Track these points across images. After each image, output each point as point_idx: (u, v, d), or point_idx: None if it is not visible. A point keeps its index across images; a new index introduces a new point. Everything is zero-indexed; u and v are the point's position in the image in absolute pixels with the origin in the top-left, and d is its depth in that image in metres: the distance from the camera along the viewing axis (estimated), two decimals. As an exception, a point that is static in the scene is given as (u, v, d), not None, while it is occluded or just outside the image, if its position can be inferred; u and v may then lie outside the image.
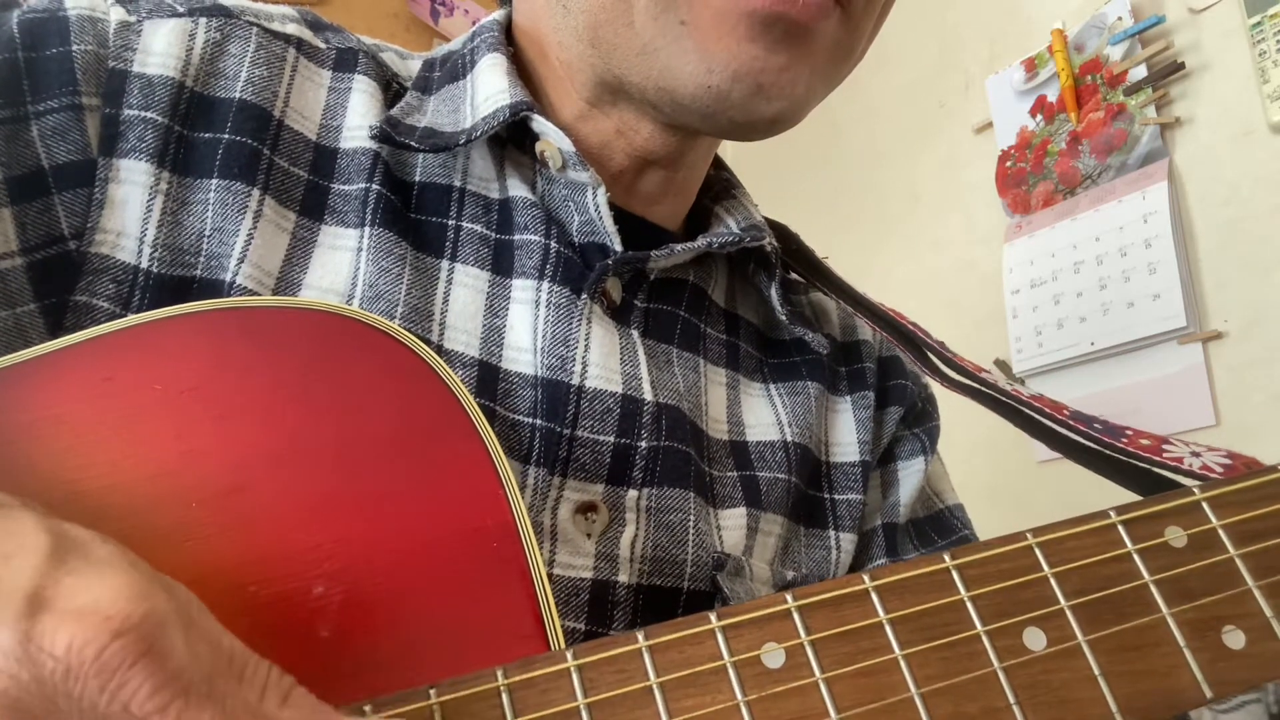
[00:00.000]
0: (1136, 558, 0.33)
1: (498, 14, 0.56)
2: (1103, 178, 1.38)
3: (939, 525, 0.61)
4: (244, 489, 0.31)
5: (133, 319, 0.33)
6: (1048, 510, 0.34)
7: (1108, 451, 0.47)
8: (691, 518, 0.48)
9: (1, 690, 0.21)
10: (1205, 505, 0.34)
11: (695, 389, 0.53)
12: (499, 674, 0.28)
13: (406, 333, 0.35)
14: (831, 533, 0.56)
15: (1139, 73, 1.33)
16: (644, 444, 0.47)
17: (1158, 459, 0.44)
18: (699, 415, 0.52)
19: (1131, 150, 1.34)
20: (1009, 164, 1.53)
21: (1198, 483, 0.39)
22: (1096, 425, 0.47)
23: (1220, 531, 0.33)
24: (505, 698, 0.28)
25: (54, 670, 0.21)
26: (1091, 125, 1.40)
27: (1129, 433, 0.46)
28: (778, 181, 1.61)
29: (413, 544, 0.31)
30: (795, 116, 0.48)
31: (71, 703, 0.21)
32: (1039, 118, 1.49)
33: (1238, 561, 0.33)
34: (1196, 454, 0.43)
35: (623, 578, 0.45)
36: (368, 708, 0.27)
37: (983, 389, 0.53)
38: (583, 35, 0.48)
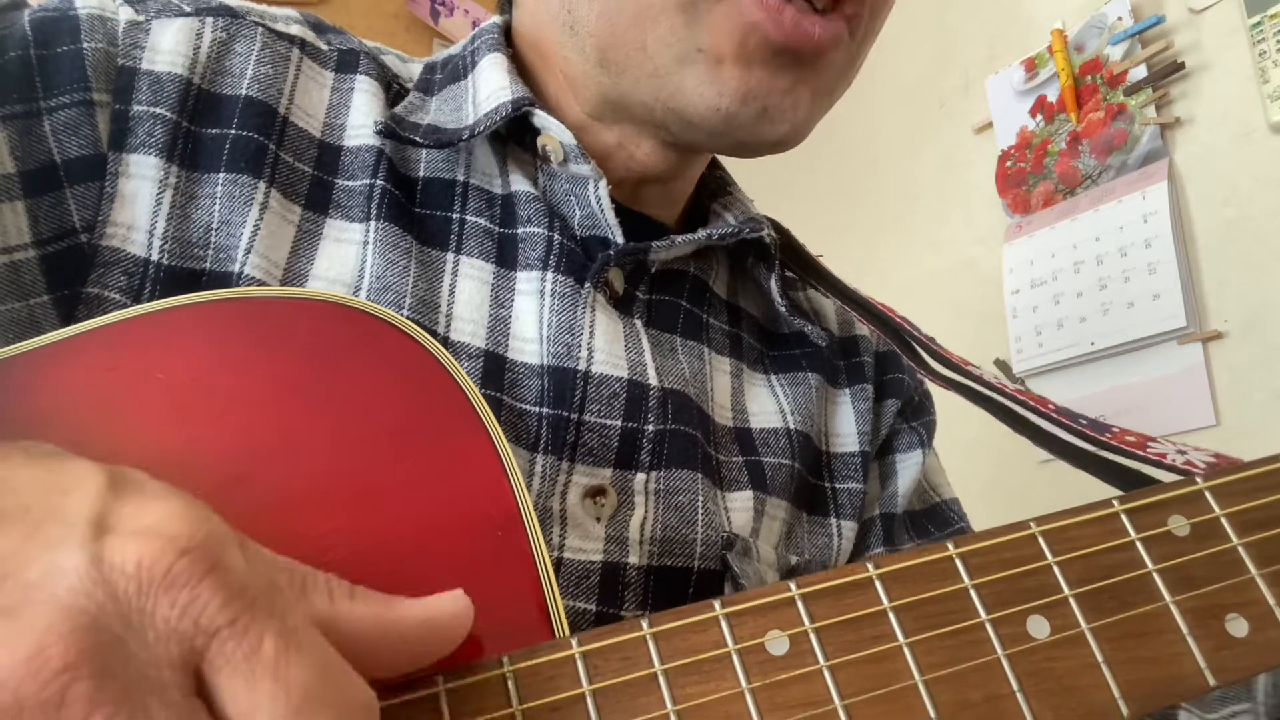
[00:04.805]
0: (1140, 546, 0.33)
1: (497, 19, 0.57)
2: (1103, 178, 1.38)
3: (935, 518, 0.62)
4: (246, 479, 0.31)
5: (137, 309, 0.33)
6: (1047, 509, 0.34)
7: (1092, 447, 0.48)
8: (700, 498, 0.48)
9: (81, 609, 0.21)
10: (1208, 494, 0.34)
11: (701, 375, 0.53)
12: (504, 661, 0.28)
13: (410, 323, 0.35)
14: (833, 520, 0.57)
15: (1139, 73, 1.33)
16: (651, 427, 0.47)
17: (1141, 453, 0.44)
18: (705, 400, 0.53)
19: (1131, 150, 1.34)
20: (1009, 164, 1.53)
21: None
22: (1082, 420, 0.48)
23: (1223, 520, 0.33)
24: (511, 684, 0.28)
25: (126, 588, 0.21)
26: (1091, 125, 1.40)
27: (1114, 429, 0.47)
28: (777, 181, 1.60)
29: (417, 534, 0.31)
30: (797, 138, 0.49)
31: (144, 618, 0.21)
32: (1039, 118, 1.49)
33: (1241, 550, 0.33)
34: (1182, 451, 0.43)
35: (633, 559, 0.46)
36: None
37: (969, 383, 0.54)
38: (590, 55, 0.48)
